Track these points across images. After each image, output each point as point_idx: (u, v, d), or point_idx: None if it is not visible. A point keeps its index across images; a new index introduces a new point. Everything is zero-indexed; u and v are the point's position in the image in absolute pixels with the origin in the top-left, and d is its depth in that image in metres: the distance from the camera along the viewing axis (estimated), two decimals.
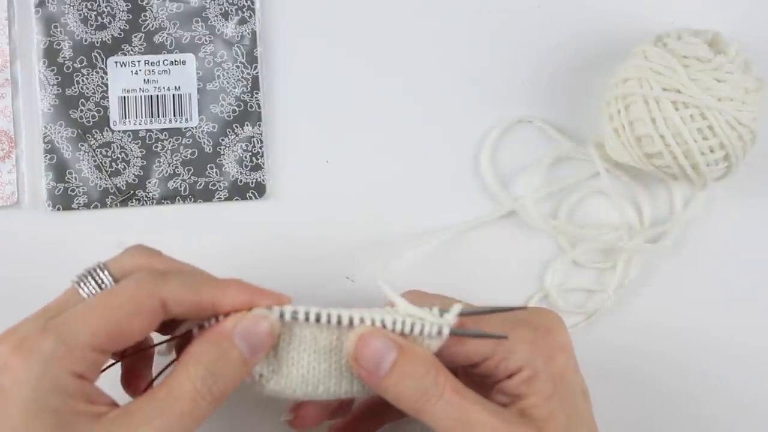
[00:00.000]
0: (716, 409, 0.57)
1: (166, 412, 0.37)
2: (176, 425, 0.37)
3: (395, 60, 0.58)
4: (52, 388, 0.36)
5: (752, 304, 0.58)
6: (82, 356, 0.37)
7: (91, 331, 0.37)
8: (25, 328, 0.38)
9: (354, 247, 0.56)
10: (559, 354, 0.42)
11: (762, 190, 0.58)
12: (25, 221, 0.55)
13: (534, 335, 0.42)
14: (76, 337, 0.37)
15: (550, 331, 0.43)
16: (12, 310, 0.55)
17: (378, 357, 0.39)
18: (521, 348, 0.42)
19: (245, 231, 0.56)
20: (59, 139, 0.55)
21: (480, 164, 0.57)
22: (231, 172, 0.56)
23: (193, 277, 0.41)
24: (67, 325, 0.37)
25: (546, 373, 0.41)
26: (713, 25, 0.54)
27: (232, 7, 0.57)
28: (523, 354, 0.42)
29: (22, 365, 0.36)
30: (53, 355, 0.36)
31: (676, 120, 0.50)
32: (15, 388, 0.36)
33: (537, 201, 0.57)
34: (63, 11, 0.56)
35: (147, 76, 0.56)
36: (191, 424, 0.37)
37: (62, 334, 0.37)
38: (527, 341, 0.42)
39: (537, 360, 0.42)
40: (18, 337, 0.37)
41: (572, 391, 0.42)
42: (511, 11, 0.58)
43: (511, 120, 0.57)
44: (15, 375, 0.36)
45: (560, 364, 0.42)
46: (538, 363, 0.41)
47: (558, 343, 0.43)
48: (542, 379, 0.41)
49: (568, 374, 0.42)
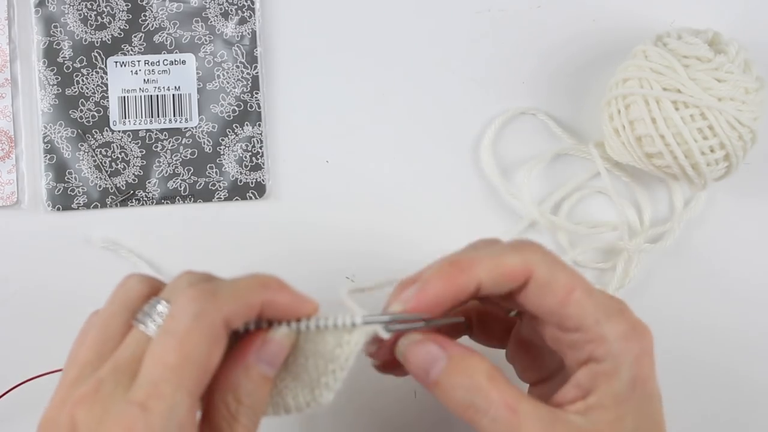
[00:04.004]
0: (717, 408, 0.57)
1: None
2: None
3: (395, 60, 0.58)
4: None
5: (752, 304, 0.58)
6: (186, 422, 0.35)
7: (187, 391, 0.35)
8: (110, 400, 0.35)
9: (354, 247, 0.56)
10: (647, 359, 0.40)
11: (762, 190, 0.58)
12: (25, 221, 0.55)
13: (630, 332, 0.39)
14: (177, 412, 0.35)
15: (645, 334, 0.40)
16: (12, 310, 0.55)
17: (427, 364, 0.39)
18: (613, 338, 0.39)
19: (245, 231, 0.56)
20: (59, 139, 0.55)
21: (480, 157, 0.57)
22: (231, 172, 0.56)
23: (241, 287, 0.39)
24: (162, 398, 0.35)
25: (627, 375, 0.39)
26: (713, 25, 0.54)
27: (232, 7, 0.57)
28: (612, 345, 0.39)
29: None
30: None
31: (676, 120, 0.50)
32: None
33: (536, 199, 0.57)
34: (63, 11, 0.55)
35: (147, 76, 0.56)
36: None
37: (163, 408, 0.35)
38: (621, 335, 0.39)
39: (623, 357, 0.39)
40: (117, 422, 0.35)
41: (650, 400, 0.40)
42: (511, 11, 0.58)
43: (514, 111, 0.57)
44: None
45: (645, 369, 0.39)
46: (624, 361, 0.39)
47: (648, 348, 0.40)
48: (621, 379, 0.39)
49: (650, 382, 0.40)
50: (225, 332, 0.37)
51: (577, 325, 0.39)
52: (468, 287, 0.39)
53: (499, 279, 0.39)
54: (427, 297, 0.39)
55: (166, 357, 0.35)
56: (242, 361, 0.38)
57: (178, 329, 0.36)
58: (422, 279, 0.40)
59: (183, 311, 0.36)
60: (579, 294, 0.39)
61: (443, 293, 0.39)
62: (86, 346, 0.38)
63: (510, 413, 0.38)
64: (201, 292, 0.37)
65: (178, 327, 0.36)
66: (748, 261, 0.58)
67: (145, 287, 0.39)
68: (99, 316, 0.39)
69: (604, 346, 0.39)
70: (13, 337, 0.55)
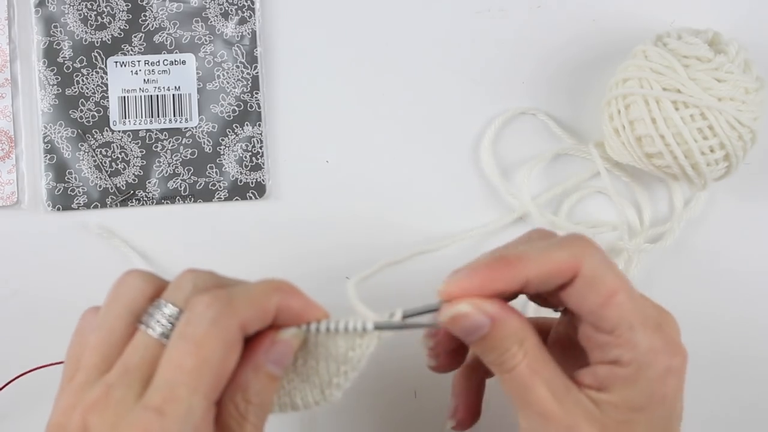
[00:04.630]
0: (717, 409, 0.57)
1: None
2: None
3: (395, 60, 0.58)
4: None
5: (752, 304, 0.58)
6: (202, 426, 0.36)
7: (203, 395, 0.35)
8: (122, 406, 0.35)
9: (354, 247, 0.56)
10: (673, 378, 0.39)
11: (762, 190, 0.58)
12: (25, 221, 0.55)
13: (662, 347, 0.39)
14: (193, 416, 0.35)
15: (678, 353, 0.40)
16: (12, 310, 0.55)
17: (471, 329, 0.39)
18: (643, 348, 0.39)
19: (245, 231, 0.56)
20: (59, 139, 0.55)
21: (480, 157, 0.57)
22: (231, 172, 0.56)
23: (256, 293, 0.39)
24: (178, 402, 0.35)
25: (647, 387, 0.39)
26: (713, 25, 0.54)
27: (232, 7, 0.57)
28: (640, 355, 0.39)
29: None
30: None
31: (676, 120, 0.50)
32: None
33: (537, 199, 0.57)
34: (63, 11, 0.55)
35: (147, 76, 0.56)
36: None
37: (179, 413, 0.35)
38: (652, 348, 0.39)
39: (648, 370, 0.39)
40: (133, 427, 0.34)
41: (668, 419, 0.40)
42: (511, 11, 0.58)
43: (514, 111, 0.57)
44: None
45: (669, 388, 0.39)
46: (647, 373, 0.39)
47: (677, 368, 0.40)
48: (639, 388, 0.39)
49: (671, 401, 0.40)
50: (241, 337, 0.37)
51: (611, 327, 0.39)
52: (514, 283, 0.39)
53: (546, 276, 0.39)
54: (472, 285, 0.39)
55: (182, 361, 0.35)
56: (251, 362, 0.38)
57: (195, 334, 0.36)
58: (470, 267, 0.40)
59: (200, 317, 0.36)
60: (621, 297, 0.39)
61: (488, 285, 0.39)
62: (90, 348, 0.38)
63: (530, 374, 0.39)
64: (217, 297, 0.37)
65: (196, 332, 0.36)
66: (748, 261, 0.58)
67: (148, 286, 0.39)
68: (101, 317, 0.39)
69: (631, 353, 0.39)
70: (13, 336, 0.55)
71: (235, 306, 0.37)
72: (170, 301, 0.38)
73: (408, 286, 0.56)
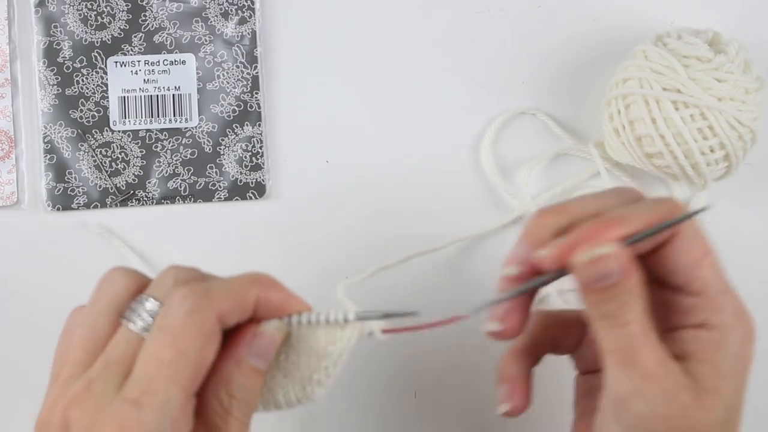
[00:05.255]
0: None
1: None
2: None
3: (395, 60, 0.58)
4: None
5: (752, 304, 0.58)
6: (180, 418, 0.36)
7: (180, 386, 0.35)
8: (103, 399, 0.35)
9: (354, 247, 0.56)
10: (750, 343, 0.40)
11: (762, 190, 0.58)
12: (25, 221, 0.55)
13: (741, 313, 0.40)
14: (170, 407, 0.35)
15: (751, 320, 0.41)
16: (12, 310, 0.55)
17: (607, 273, 0.38)
18: (729, 312, 0.39)
19: (245, 231, 0.56)
20: (59, 139, 0.55)
21: (480, 158, 0.57)
22: (231, 172, 0.56)
23: (234, 285, 0.39)
24: (155, 394, 0.35)
25: (733, 350, 0.39)
26: (713, 25, 0.54)
27: (232, 7, 0.57)
28: (727, 317, 0.39)
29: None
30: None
31: (676, 120, 0.50)
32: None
33: (537, 199, 0.57)
34: (63, 11, 0.56)
35: (147, 76, 0.56)
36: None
37: (156, 404, 0.35)
38: (735, 311, 0.40)
39: (734, 333, 0.39)
40: (111, 419, 0.35)
41: (744, 382, 0.40)
42: (511, 11, 0.58)
43: (513, 111, 0.57)
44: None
45: (748, 352, 0.40)
46: (733, 336, 0.39)
47: (752, 333, 0.40)
48: (727, 352, 0.39)
49: (748, 367, 0.40)
50: (219, 329, 0.37)
51: (700, 289, 0.40)
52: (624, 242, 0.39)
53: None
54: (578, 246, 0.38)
55: (159, 353, 0.36)
56: (234, 356, 0.38)
57: (172, 326, 0.36)
58: (572, 233, 0.39)
59: (177, 308, 0.36)
60: (712, 259, 0.40)
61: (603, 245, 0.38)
62: (75, 345, 0.38)
63: (641, 332, 0.38)
64: (193, 290, 0.37)
65: (173, 324, 0.36)
66: (748, 261, 0.58)
67: (131, 282, 0.39)
68: (86, 314, 0.39)
69: (719, 316, 0.39)
70: (13, 336, 0.55)
71: (213, 297, 0.37)
72: (152, 296, 0.38)
73: (408, 286, 0.56)
